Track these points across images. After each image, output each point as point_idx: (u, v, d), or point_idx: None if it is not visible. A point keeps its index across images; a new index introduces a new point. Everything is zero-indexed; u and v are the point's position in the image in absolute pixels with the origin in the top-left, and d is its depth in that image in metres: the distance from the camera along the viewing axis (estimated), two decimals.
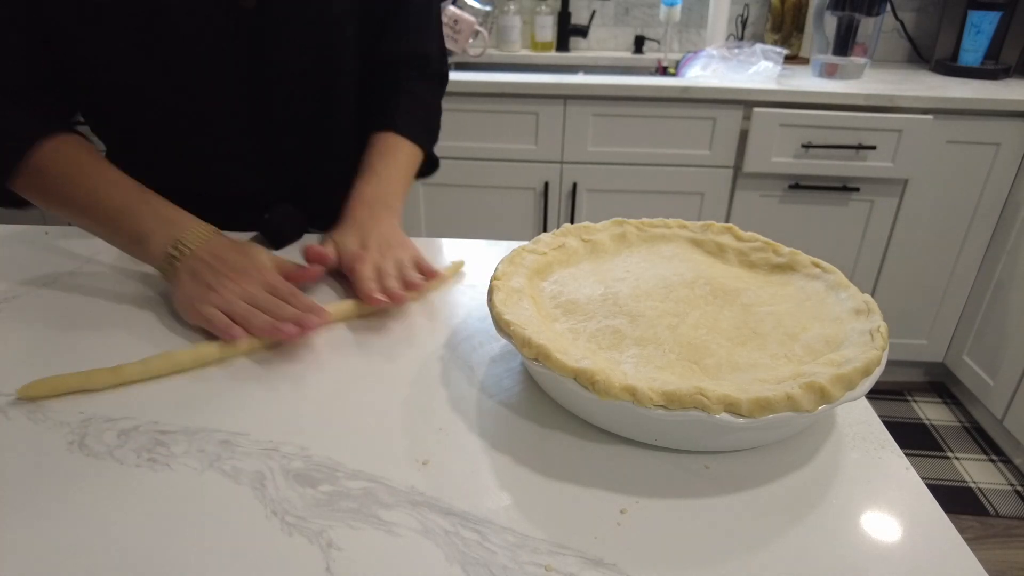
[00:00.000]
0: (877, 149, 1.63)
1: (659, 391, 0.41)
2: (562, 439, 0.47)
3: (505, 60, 2.11)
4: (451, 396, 0.51)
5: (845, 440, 0.47)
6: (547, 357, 0.45)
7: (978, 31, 1.84)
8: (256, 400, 0.50)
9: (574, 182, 1.75)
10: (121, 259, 0.72)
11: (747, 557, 0.38)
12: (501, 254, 0.59)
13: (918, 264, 1.82)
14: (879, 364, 0.45)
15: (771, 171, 1.68)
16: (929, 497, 0.42)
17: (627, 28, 2.16)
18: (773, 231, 1.71)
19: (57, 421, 0.47)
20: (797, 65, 1.99)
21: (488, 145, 1.73)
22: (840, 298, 0.53)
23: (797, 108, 1.62)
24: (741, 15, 2.10)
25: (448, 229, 1.84)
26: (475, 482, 0.43)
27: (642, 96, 1.65)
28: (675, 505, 0.41)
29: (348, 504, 0.41)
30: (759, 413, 0.40)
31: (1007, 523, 1.56)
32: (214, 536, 0.38)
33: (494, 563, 0.37)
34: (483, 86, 1.65)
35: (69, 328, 0.59)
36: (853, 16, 1.77)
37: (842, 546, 0.38)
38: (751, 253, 0.61)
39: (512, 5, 2.07)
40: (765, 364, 0.47)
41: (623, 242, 0.64)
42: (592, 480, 0.43)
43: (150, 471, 0.43)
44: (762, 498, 0.42)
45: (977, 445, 1.80)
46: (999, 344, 1.74)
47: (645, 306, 0.52)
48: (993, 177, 1.70)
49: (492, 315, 0.51)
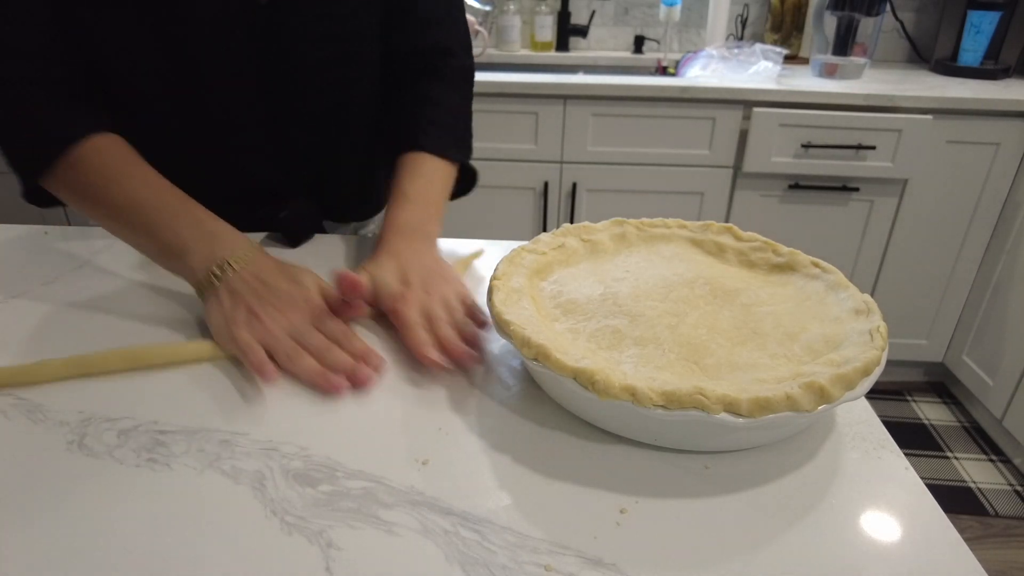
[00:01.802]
0: (877, 149, 1.63)
1: (659, 391, 0.41)
2: (562, 439, 0.47)
3: (505, 60, 2.11)
4: (451, 396, 0.51)
5: (845, 440, 0.47)
6: (547, 357, 0.45)
7: (978, 31, 1.84)
8: (256, 400, 0.50)
9: (574, 182, 1.75)
10: (120, 260, 0.72)
11: (747, 557, 0.38)
12: (501, 254, 0.59)
13: (918, 264, 1.82)
14: (879, 364, 0.45)
15: (771, 171, 1.69)
16: (929, 497, 0.42)
17: (627, 28, 2.16)
18: (773, 231, 1.70)
19: (57, 421, 0.47)
20: (797, 65, 1.99)
21: (488, 145, 1.73)
22: (840, 298, 0.54)
23: (797, 108, 1.62)
24: (741, 15, 2.10)
25: (448, 229, 1.83)
26: (475, 482, 0.43)
27: (642, 96, 1.65)
28: (675, 505, 0.41)
29: (348, 504, 0.41)
30: (759, 413, 0.40)
31: (1007, 523, 1.56)
32: (214, 536, 0.38)
33: (494, 563, 0.37)
34: (483, 86, 1.64)
35: (68, 328, 0.59)
36: (853, 16, 1.77)
37: (842, 546, 0.38)
38: (751, 253, 0.61)
39: (512, 5, 2.07)
40: (765, 364, 0.47)
41: (623, 242, 0.64)
42: (592, 480, 0.43)
43: (150, 471, 0.43)
44: (762, 498, 0.42)
45: (977, 445, 1.80)
46: (999, 344, 1.74)
47: (645, 306, 0.52)
48: (993, 177, 1.70)
49: (492, 315, 0.51)
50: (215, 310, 0.55)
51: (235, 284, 0.55)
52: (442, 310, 0.57)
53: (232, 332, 0.53)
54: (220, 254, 0.57)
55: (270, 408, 0.49)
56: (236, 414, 0.49)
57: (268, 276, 0.57)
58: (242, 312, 0.54)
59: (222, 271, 0.56)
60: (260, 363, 0.51)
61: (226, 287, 0.55)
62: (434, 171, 0.74)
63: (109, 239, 0.77)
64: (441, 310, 0.57)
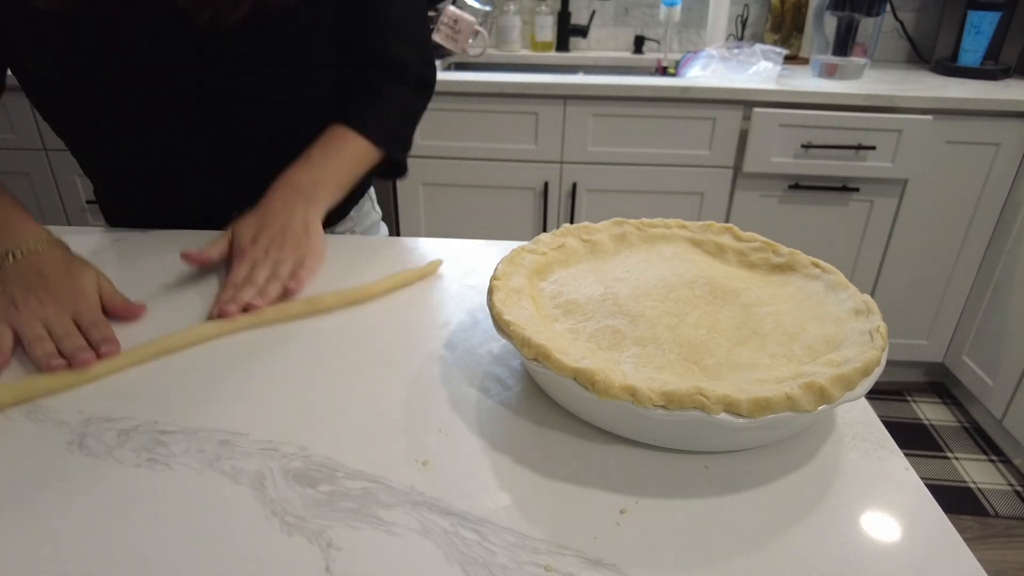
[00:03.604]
0: (877, 149, 1.63)
1: (659, 391, 0.41)
2: (562, 439, 0.47)
3: (505, 60, 2.11)
4: (451, 396, 0.51)
5: (845, 440, 0.47)
6: (547, 357, 0.45)
7: (978, 31, 1.84)
8: (256, 400, 0.50)
9: (574, 182, 1.75)
10: (121, 259, 0.72)
11: (747, 557, 0.38)
12: (501, 254, 0.59)
13: (918, 264, 1.82)
14: (879, 364, 0.45)
15: (771, 171, 1.69)
16: (929, 497, 0.42)
17: (627, 28, 2.16)
18: (773, 231, 1.71)
19: (57, 421, 0.47)
20: (797, 65, 1.99)
21: (488, 145, 1.73)
22: (840, 298, 0.54)
23: (797, 108, 1.62)
24: (741, 15, 2.10)
25: (448, 229, 1.84)
26: (475, 482, 0.43)
27: (642, 96, 1.65)
28: (675, 505, 0.41)
29: (348, 504, 0.41)
30: (759, 413, 0.40)
31: (1007, 523, 1.56)
32: (214, 536, 0.38)
33: (494, 563, 0.37)
34: (483, 86, 1.65)
35: None
36: (853, 16, 1.77)
37: (842, 546, 0.38)
38: (751, 253, 0.61)
39: (512, 5, 2.07)
40: (765, 364, 0.47)
41: (623, 242, 0.64)
42: (592, 480, 0.43)
43: (150, 471, 0.43)
44: (762, 498, 0.42)
45: (977, 445, 1.80)
46: (999, 344, 1.74)
47: (645, 306, 0.52)
48: (993, 177, 1.70)
49: (492, 315, 0.51)
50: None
51: (9, 273, 0.59)
52: (264, 275, 0.63)
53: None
54: (6, 245, 0.60)
55: (270, 408, 0.49)
56: (236, 414, 0.49)
57: (46, 268, 0.60)
58: (5, 301, 0.57)
59: (2, 261, 0.60)
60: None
61: (3, 274, 0.59)
62: (349, 147, 0.76)
63: (109, 239, 0.77)
64: (263, 275, 0.63)
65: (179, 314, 0.62)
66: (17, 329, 0.55)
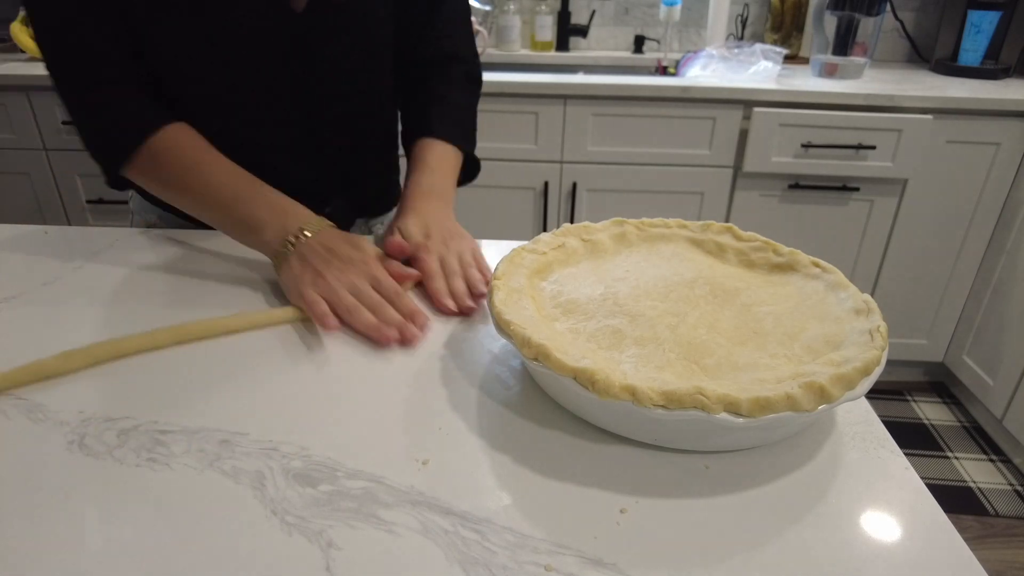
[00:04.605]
0: (877, 149, 1.63)
1: (659, 391, 0.41)
2: (562, 439, 0.47)
3: (505, 60, 2.11)
4: (451, 396, 0.51)
5: (845, 440, 0.47)
6: (547, 357, 0.45)
7: (978, 31, 1.84)
8: (256, 400, 0.50)
9: (574, 182, 1.75)
10: (120, 261, 0.72)
11: (747, 557, 0.38)
12: (501, 254, 0.59)
13: (918, 264, 1.82)
14: (879, 364, 0.45)
15: (771, 171, 1.68)
16: (929, 497, 0.42)
17: (627, 28, 2.16)
18: (773, 231, 1.71)
19: (57, 421, 0.47)
20: (797, 65, 1.99)
21: (488, 145, 1.73)
22: (840, 298, 0.54)
23: (797, 108, 1.62)
24: (741, 15, 2.10)
25: None
26: (475, 482, 0.43)
27: (642, 96, 1.65)
28: (675, 505, 0.41)
29: (348, 504, 0.41)
30: (759, 413, 0.40)
31: (1007, 523, 1.56)
32: (214, 536, 0.38)
33: (494, 563, 0.37)
34: (483, 86, 1.64)
35: (67, 328, 0.59)
36: (853, 16, 1.77)
37: (842, 546, 0.38)
38: (751, 253, 0.61)
39: (512, 5, 2.07)
40: (765, 364, 0.47)
41: (623, 242, 0.64)
42: (592, 480, 0.43)
43: (150, 471, 0.43)
44: (762, 498, 0.42)
45: (977, 445, 1.80)
46: (999, 344, 1.74)
47: (645, 306, 0.52)
48: (993, 177, 1.70)
49: (492, 315, 0.51)
50: (287, 273, 0.63)
51: (304, 250, 0.63)
52: (457, 263, 0.66)
53: (300, 290, 0.60)
54: (293, 225, 0.65)
55: (270, 408, 0.49)
56: (236, 414, 0.49)
57: (333, 243, 0.64)
58: (309, 273, 0.61)
59: (296, 239, 0.64)
60: (323, 314, 0.57)
61: (296, 253, 0.63)
62: (446, 152, 0.82)
63: (109, 239, 0.77)
64: (456, 263, 0.66)
65: (179, 314, 0.62)
66: (328, 297, 0.59)
